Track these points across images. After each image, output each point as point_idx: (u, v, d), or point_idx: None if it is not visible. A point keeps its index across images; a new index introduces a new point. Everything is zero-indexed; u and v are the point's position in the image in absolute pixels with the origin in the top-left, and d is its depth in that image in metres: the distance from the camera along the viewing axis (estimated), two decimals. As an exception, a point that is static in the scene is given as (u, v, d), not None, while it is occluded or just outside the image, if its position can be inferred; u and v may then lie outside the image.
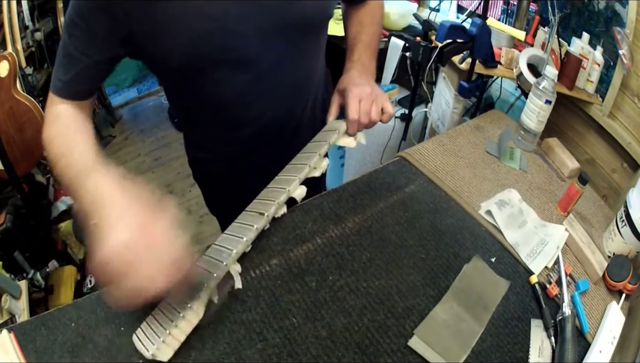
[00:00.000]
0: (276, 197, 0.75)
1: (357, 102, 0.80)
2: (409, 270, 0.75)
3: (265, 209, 0.73)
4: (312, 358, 0.63)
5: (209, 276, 0.62)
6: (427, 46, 1.28)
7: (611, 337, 0.69)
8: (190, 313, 0.61)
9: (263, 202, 0.76)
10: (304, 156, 0.82)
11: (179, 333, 0.61)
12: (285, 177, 0.79)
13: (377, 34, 0.93)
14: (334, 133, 0.82)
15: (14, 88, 1.59)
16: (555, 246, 0.82)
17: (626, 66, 1.11)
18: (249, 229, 0.70)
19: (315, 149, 0.82)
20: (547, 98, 0.98)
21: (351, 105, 0.80)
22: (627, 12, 1.09)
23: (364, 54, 0.88)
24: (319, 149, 0.81)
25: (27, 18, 2.02)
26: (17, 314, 1.26)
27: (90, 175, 0.57)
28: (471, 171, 0.97)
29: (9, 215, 1.55)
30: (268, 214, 0.73)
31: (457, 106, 1.50)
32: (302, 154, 0.83)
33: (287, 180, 0.78)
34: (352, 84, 0.82)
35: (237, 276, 0.69)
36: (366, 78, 0.85)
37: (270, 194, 0.77)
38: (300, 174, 0.77)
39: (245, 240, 0.68)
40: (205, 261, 0.66)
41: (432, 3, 1.95)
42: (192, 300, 0.60)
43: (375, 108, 0.80)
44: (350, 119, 0.80)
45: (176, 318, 0.60)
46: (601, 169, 1.31)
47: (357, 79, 0.84)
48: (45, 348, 0.63)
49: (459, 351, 0.65)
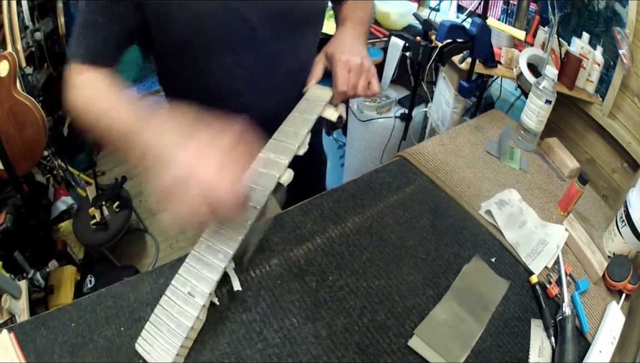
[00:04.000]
0: (265, 184, 0.69)
1: (347, 72, 0.77)
2: (409, 270, 0.75)
3: (256, 200, 0.68)
4: (312, 358, 0.63)
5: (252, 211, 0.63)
6: (427, 46, 1.28)
7: (611, 337, 0.69)
8: (197, 322, 0.62)
9: (252, 189, 0.70)
10: (289, 131, 0.77)
11: (189, 342, 0.62)
12: (272, 158, 0.73)
13: (368, 18, 0.92)
14: (320, 105, 0.78)
15: (14, 88, 1.59)
16: (555, 246, 0.82)
17: (626, 66, 1.11)
18: (242, 224, 0.66)
19: (301, 124, 0.77)
20: (547, 98, 0.98)
21: (340, 75, 0.77)
22: (627, 12, 1.09)
23: (357, 26, 0.86)
24: (306, 125, 0.76)
25: (27, 18, 2.02)
26: (17, 314, 1.26)
27: (144, 128, 0.57)
28: (471, 171, 0.97)
29: (9, 215, 1.55)
30: (259, 207, 0.68)
31: (457, 105, 1.50)
32: (287, 128, 0.78)
33: (274, 163, 0.72)
34: (341, 52, 0.79)
35: (235, 278, 0.68)
36: (357, 47, 0.81)
37: (258, 179, 0.71)
38: (288, 156, 0.73)
39: (239, 239, 0.65)
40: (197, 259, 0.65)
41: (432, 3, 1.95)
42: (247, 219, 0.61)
43: (362, 82, 0.78)
44: (339, 90, 0.78)
45: (183, 328, 0.60)
46: (601, 169, 1.31)
47: (348, 45, 0.80)
48: (45, 348, 0.63)
49: (459, 351, 0.65)
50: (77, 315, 0.67)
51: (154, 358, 0.58)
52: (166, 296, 0.63)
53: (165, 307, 0.62)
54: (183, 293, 0.63)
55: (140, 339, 0.61)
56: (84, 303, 0.69)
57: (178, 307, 0.62)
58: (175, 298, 0.62)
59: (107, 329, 0.65)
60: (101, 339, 0.64)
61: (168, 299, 0.63)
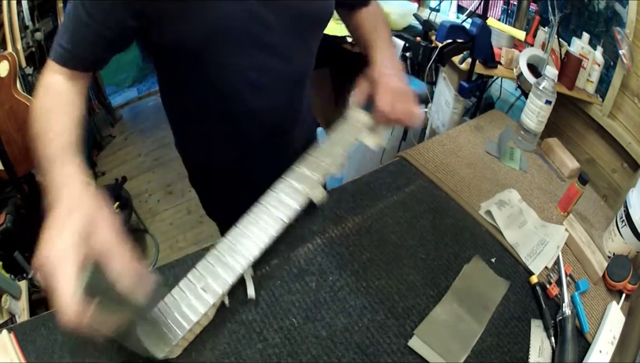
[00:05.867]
0: (295, 199, 0.71)
1: (389, 95, 0.77)
2: (409, 270, 0.75)
3: (284, 213, 0.70)
4: (312, 358, 0.63)
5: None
6: (427, 46, 1.29)
7: (611, 337, 0.69)
8: (204, 319, 0.62)
9: (281, 200, 0.71)
10: (325, 149, 0.78)
11: (191, 335, 0.62)
12: (305, 173, 0.74)
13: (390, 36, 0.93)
14: (359, 128, 0.79)
15: (14, 88, 1.59)
16: (555, 246, 0.82)
17: (626, 66, 1.11)
18: (266, 233, 0.67)
19: (341, 144, 0.78)
20: (547, 98, 0.98)
21: (382, 96, 0.77)
22: (627, 12, 1.09)
23: (390, 48, 0.87)
24: (345, 146, 0.77)
25: (27, 18, 2.02)
26: (17, 314, 1.26)
27: (57, 162, 0.56)
28: (471, 171, 0.97)
29: (9, 215, 1.55)
30: (286, 220, 0.69)
31: (457, 106, 1.50)
32: (324, 146, 0.79)
33: (307, 178, 0.74)
34: (384, 74, 0.80)
35: (251, 284, 0.68)
36: (399, 73, 0.82)
37: (288, 192, 0.72)
38: (321, 174, 0.74)
39: (262, 248, 0.66)
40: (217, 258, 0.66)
41: (432, 3, 1.95)
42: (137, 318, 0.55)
43: (405, 107, 0.78)
44: (380, 110, 0.78)
45: (188, 321, 0.60)
46: (601, 169, 1.31)
47: (390, 70, 0.81)
48: (45, 348, 0.63)
49: (459, 351, 0.65)
50: (77, 315, 0.67)
51: (152, 343, 0.59)
52: (178, 288, 0.64)
53: (175, 297, 0.63)
54: (196, 288, 0.63)
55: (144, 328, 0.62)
56: (84, 303, 0.69)
57: (188, 300, 0.62)
58: (187, 291, 0.63)
59: (107, 329, 0.65)
60: (101, 339, 0.64)
61: (180, 290, 0.63)
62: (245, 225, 0.70)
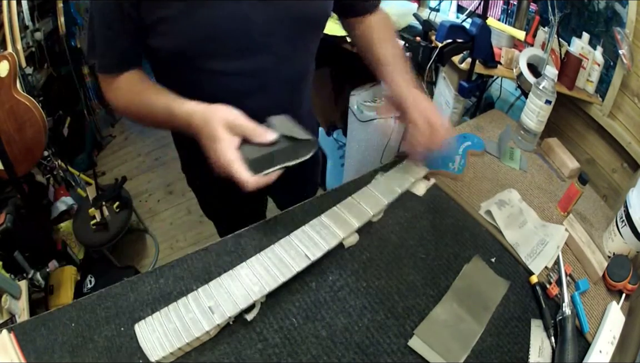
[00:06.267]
0: (327, 241, 0.72)
1: (427, 125, 0.76)
2: (409, 270, 0.75)
3: (312, 252, 0.71)
4: (312, 358, 0.63)
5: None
6: (427, 46, 1.28)
7: (611, 337, 0.69)
8: (205, 336, 0.62)
9: (312, 238, 0.73)
10: (372, 195, 0.81)
11: (187, 348, 0.62)
12: (343, 216, 0.77)
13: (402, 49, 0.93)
14: (410, 180, 0.84)
15: (14, 88, 1.59)
16: (555, 246, 0.82)
17: (626, 66, 1.11)
18: (289, 268, 0.68)
19: (386, 193, 0.82)
20: (547, 98, 0.98)
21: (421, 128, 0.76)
22: (627, 12, 1.09)
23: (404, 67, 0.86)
24: (389, 196, 0.81)
25: (27, 18, 2.02)
26: (17, 314, 1.26)
27: (174, 107, 0.71)
28: (471, 171, 0.97)
29: (9, 215, 1.55)
30: (312, 258, 0.70)
31: (457, 106, 1.50)
32: (370, 191, 0.82)
33: (344, 222, 0.76)
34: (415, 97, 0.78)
35: (257, 310, 0.67)
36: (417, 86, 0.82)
37: (324, 234, 0.73)
38: (360, 221, 0.76)
39: (279, 282, 0.67)
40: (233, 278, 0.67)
41: (432, 3, 1.95)
42: None
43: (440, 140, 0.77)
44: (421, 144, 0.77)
45: (188, 334, 0.60)
46: (601, 169, 1.30)
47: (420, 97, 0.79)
48: (45, 348, 0.63)
49: (459, 351, 0.65)
50: (77, 315, 0.67)
51: (147, 346, 0.59)
52: (186, 300, 0.64)
53: (180, 309, 0.63)
54: (204, 305, 0.63)
55: (143, 322, 0.62)
56: (84, 303, 0.69)
57: (193, 315, 0.62)
58: (194, 306, 0.63)
59: (107, 329, 0.65)
60: (101, 339, 0.64)
61: (187, 303, 0.63)
62: (270, 257, 0.70)
